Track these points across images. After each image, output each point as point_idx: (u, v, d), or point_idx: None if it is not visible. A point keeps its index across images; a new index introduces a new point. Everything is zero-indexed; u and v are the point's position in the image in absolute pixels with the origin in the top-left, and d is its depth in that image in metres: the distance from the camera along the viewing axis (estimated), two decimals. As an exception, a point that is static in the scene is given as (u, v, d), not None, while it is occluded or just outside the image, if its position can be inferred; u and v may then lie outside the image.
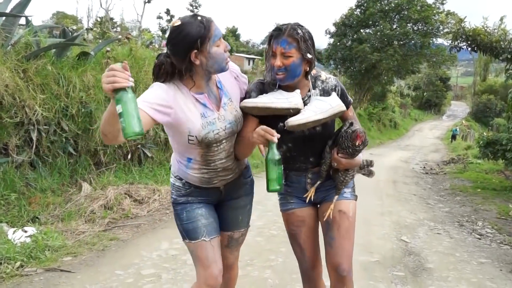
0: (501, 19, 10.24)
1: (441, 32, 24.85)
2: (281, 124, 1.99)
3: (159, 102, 1.74)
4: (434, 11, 25.35)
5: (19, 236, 3.74)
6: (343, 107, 2.00)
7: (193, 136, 1.84)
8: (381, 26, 25.79)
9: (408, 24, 26.14)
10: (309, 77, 2.06)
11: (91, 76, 5.52)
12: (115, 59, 6.27)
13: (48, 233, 3.90)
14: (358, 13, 27.42)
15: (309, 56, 1.93)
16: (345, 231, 2.05)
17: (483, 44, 9.07)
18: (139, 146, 6.27)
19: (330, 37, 28.70)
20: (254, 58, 44.44)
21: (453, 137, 27.22)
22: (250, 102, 1.96)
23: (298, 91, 2.00)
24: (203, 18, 1.77)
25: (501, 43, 8.85)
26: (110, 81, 1.41)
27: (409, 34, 25.37)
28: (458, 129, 29.39)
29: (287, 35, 1.91)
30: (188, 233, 1.99)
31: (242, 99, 2.03)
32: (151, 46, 8.51)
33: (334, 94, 2.04)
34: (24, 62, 4.76)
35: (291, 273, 3.61)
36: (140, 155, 6.37)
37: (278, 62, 1.91)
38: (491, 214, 6.53)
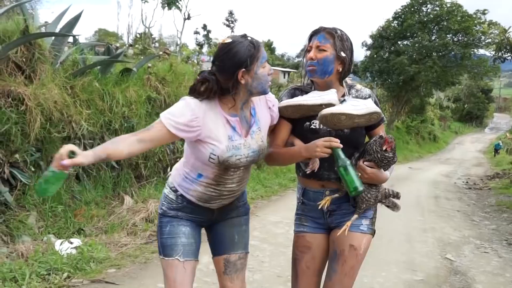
0: (548, 28, 9.84)
1: (483, 43, 24.14)
2: (307, 123, 1.99)
3: (184, 122, 1.75)
4: (475, 22, 24.67)
5: (65, 247, 3.86)
6: (378, 110, 1.93)
7: (215, 155, 1.79)
8: (420, 38, 25.33)
9: (448, 35, 25.53)
10: (344, 84, 2.04)
11: (133, 92, 5.69)
12: (156, 74, 6.45)
13: (92, 245, 4.00)
14: (396, 24, 27.03)
15: (342, 54, 1.93)
16: (349, 268, 1.95)
17: (529, 54, 8.75)
18: (178, 159, 6.36)
19: (366, 50, 28.45)
20: (290, 71, 44.53)
21: (496, 151, 26.19)
22: (284, 102, 1.99)
23: (334, 90, 1.98)
24: (253, 39, 1.79)
25: (549, 53, 8.52)
26: None
27: (448, 45, 24.76)
28: (501, 143, 28.25)
29: (325, 31, 1.96)
30: (164, 249, 1.92)
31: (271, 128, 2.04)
32: (190, 62, 8.69)
33: (369, 99, 1.99)
34: (71, 79, 4.96)
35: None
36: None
37: (311, 54, 1.95)
38: (542, 232, 6.22)
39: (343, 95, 2.02)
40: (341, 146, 1.80)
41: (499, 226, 6.57)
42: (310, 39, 2.00)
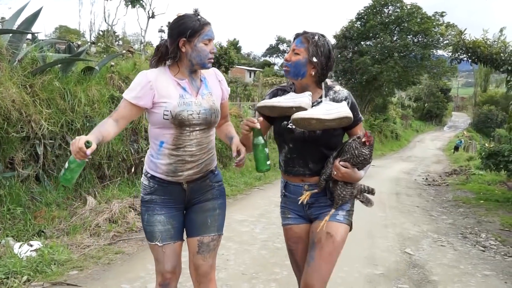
0: (501, 31, 10.28)
1: (441, 44, 25.03)
2: (284, 122, 2.12)
3: (139, 89, 2.03)
4: (434, 23, 25.57)
5: (25, 250, 3.76)
6: (350, 115, 2.02)
7: (168, 111, 2.02)
8: (382, 38, 25.98)
9: (408, 36, 26.35)
10: (323, 85, 2.15)
11: (95, 91, 5.59)
12: (119, 73, 6.36)
13: (53, 247, 3.91)
14: (359, 25, 27.65)
15: (314, 59, 2.04)
16: (327, 254, 2.05)
17: (483, 56, 9.10)
18: (143, 159, 6.30)
19: (330, 50, 28.87)
20: (255, 70, 44.69)
21: (456, 148, 27.20)
22: (261, 103, 2.16)
23: (309, 93, 2.09)
24: (201, 18, 2.06)
25: (501, 55, 8.88)
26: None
27: (409, 46, 25.55)
28: (463, 141, 29.36)
29: (303, 36, 2.10)
30: (146, 234, 2.19)
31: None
32: (154, 60, 8.59)
33: (344, 103, 2.08)
34: (31, 77, 4.82)
35: (296, 286, 3.60)
36: (143, 168, 6.40)
37: (287, 55, 2.12)
38: (495, 225, 6.53)
39: (320, 97, 2.13)
40: (258, 127, 2.02)
41: (455, 221, 6.85)
42: (293, 41, 2.14)
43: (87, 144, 1.76)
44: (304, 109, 2.01)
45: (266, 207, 6.69)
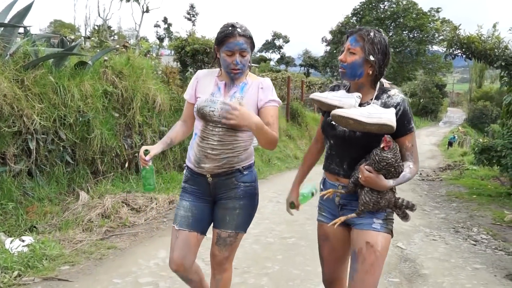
0: (494, 26, 10.29)
1: (436, 40, 25.10)
2: (329, 118, 2.07)
3: (191, 87, 2.35)
4: (430, 19, 25.64)
5: (16, 245, 3.76)
6: (392, 123, 1.88)
7: (196, 105, 2.25)
8: (377, 34, 26.01)
9: (404, 32, 26.44)
10: (377, 86, 2.04)
11: (88, 86, 5.56)
12: (112, 68, 6.33)
13: (45, 242, 3.91)
14: (354, 20, 27.68)
15: (371, 58, 1.95)
16: (369, 265, 1.96)
17: (478, 51, 9.11)
18: (136, 154, 6.29)
19: (326, 45, 28.98)
20: (252, 66, 44.60)
21: (450, 144, 27.28)
22: (312, 95, 2.16)
23: (358, 94, 2.02)
24: (232, 30, 2.16)
25: (495, 50, 8.89)
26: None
27: (404, 42, 25.65)
28: (456, 137, 29.42)
29: (357, 33, 2.00)
30: (174, 216, 2.39)
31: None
32: (148, 55, 8.55)
33: (392, 109, 1.94)
34: (23, 71, 4.80)
35: (287, 280, 3.64)
36: (137, 164, 6.40)
37: (342, 56, 2.03)
38: (486, 220, 6.57)
39: (372, 99, 2.03)
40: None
41: (448, 215, 6.89)
42: (347, 39, 2.05)
43: (146, 152, 2.15)
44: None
45: (260, 202, 6.68)
